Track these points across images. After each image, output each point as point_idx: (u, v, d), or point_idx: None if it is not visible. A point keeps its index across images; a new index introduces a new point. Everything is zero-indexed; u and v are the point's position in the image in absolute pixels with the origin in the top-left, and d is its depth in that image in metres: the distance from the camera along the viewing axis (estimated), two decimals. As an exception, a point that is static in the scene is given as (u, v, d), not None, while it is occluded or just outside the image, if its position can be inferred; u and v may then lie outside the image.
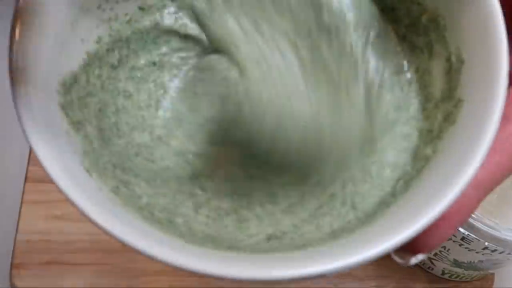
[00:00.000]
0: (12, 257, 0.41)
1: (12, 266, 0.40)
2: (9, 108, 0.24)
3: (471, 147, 0.24)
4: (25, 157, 0.42)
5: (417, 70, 0.31)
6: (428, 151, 0.28)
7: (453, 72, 0.28)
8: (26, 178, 0.42)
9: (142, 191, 0.26)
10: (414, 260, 0.26)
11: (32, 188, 0.42)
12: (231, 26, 0.29)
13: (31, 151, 0.42)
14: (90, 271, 0.41)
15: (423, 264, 0.46)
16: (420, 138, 0.29)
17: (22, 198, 0.42)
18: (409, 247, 0.23)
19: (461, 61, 0.27)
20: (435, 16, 0.30)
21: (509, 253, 0.40)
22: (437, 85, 0.30)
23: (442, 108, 0.28)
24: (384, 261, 0.26)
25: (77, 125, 0.24)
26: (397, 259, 0.29)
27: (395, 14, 0.32)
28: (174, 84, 0.31)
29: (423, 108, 0.30)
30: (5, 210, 0.41)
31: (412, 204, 0.24)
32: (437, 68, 0.30)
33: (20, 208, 0.42)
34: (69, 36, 0.25)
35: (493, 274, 0.47)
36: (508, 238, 0.38)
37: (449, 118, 0.27)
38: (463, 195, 0.22)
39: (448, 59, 0.29)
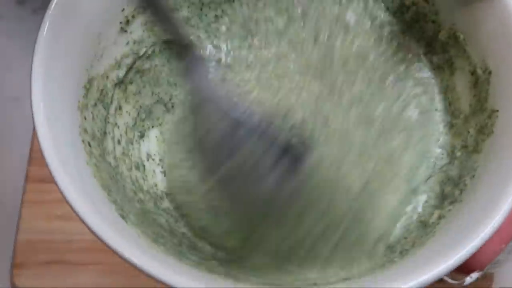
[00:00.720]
0: (13, 257, 0.41)
1: (12, 265, 0.40)
2: (9, 108, 0.24)
3: None
4: (25, 157, 0.42)
5: (440, 90, 0.31)
6: (470, 165, 0.27)
7: (480, 84, 0.28)
8: (26, 178, 0.42)
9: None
10: (469, 279, 0.25)
11: (32, 188, 0.42)
12: None
13: (31, 151, 0.42)
14: (91, 271, 0.41)
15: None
16: (452, 155, 0.29)
17: (22, 198, 0.42)
18: (461, 267, 0.22)
19: (488, 72, 0.27)
20: (453, 32, 0.29)
21: (508, 253, 0.40)
22: (464, 100, 0.29)
23: (474, 122, 0.28)
24: (384, 261, 0.26)
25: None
26: (449, 280, 0.29)
27: (411, 35, 0.32)
28: None
29: (451, 125, 0.30)
30: (5, 210, 0.41)
31: (462, 223, 0.23)
32: (461, 83, 0.29)
33: (21, 208, 0.42)
34: None
35: (492, 274, 0.47)
36: (507, 237, 0.38)
37: (484, 130, 0.27)
38: None
39: (473, 72, 0.28)
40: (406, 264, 0.22)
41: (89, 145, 0.25)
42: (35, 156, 0.40)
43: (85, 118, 0.25)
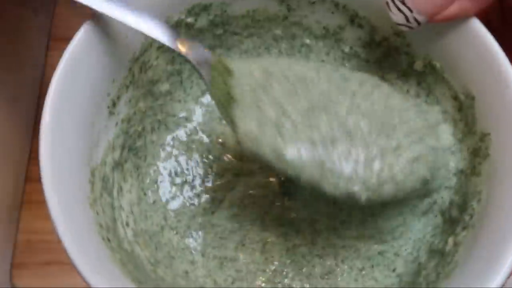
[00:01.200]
0: (13, 257, 0.41)
1: (12, 266, 0.40)
2: (9, 108, 0.24)
3: None
4: (25, 157, 0.42)
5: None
6: (472, 189, 0.27)
7: (465, 109, 0.28)
8: (26, 178, 0.42)
9: None
10: None
11: (32, 188, 0.42)
12: None
13: (31, 151, 0.42)
14: None
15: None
16: (455, 176, 0.28)
17: (22, 198, 0.42)
18: None
19: (471, 98, 0.27)
20: (428, 61, 0.29)
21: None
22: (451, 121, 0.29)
23: (466, 145, 0.28)
24: (384, 261, 0.26)
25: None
26: None
27: (384, 66, 0.32)
28: None
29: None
30: (5, 210, 0.41)
31: (482, 251, 0.23)
32: (447, 105, 0.29)
33: (20, 208, 0.42)
34: None
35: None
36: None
37: (479, 153, 0.26)
38: None
39: (456, 98, 0.28)
40: None
41: (108, 240, 0.25)
42: (35, 156, 0.39)
43: (97, 213, 0.25)
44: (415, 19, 0.25)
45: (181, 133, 0.33)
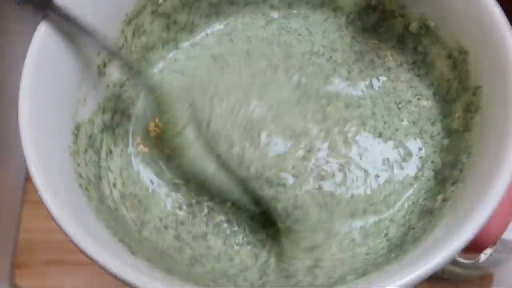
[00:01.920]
0: (13, 257, 0.41)
1: (13, 265, 0.41)
2: (9, 108, 0.24)
3: (506, 126, 0.23)
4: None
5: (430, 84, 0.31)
6: (464, 144, 0.27)
7: (458, 65, 0.28)
8: (26, 177, 0.42)
9: None
10: (483, 256, 0.25)
11: (33, 187, 0.42)
12: None
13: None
14: (91, 271, 0.41)
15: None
16: (450, 137, 0.29)
17: (22, 198, 0.42)
18: (473, 245, 0.22)
19: (465, 52, 0.27)
20: (423, 21, 0.29)
21: (508, 253, 0.40)
22: (446, 83, 0.29)
23: (460, 103, 0.28)
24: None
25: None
26: (464, 261, 0.28)
27: (381, 32, 0.32)
28: None
29: (442, 116, 0.30)
30: (5, 210, 0.41)
31: (467, 200, 0.23)
32: (442, 66, 0.29)
33: (21, 208, 0.42)
34: None
35: (492, 273, 0.47)
36: (507, 238, 0.38)
37: (471, 108, 0.27)
38: None
39: (450, 56, 0.28)
40: (419, 252, 0.23)
41: (87, 189, 0.25)
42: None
43: (78, 164, 0.25)
44: None
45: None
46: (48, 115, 0.24)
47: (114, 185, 0.29)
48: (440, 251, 0.21)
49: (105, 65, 0.28)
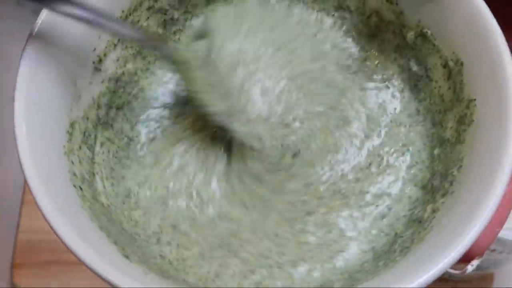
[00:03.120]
0: (13, 257, 0.41)
1: (12, 265, 0.41)
2: (9, 108, 0.24)
3: (499, 141, 0.23)
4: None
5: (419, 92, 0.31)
6: (455, 156, 0.27)
7: (453, 76, 0.28)
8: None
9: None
10: (471, 267, 0.25)
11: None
12: None
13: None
14: (90, 271, 0.41)
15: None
16: (441, 146, 0.29)
17: (22, 198, 0.42)
18: (462, 256, 0.22)
19: (460, 63, 0.27)
20: (420, 29, 0.29)
21: (508, 253, 0.40)
22: (441, 92, 0.29)
23: (453, 114, 0.28)
24: (383, 261, 0.26)
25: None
26: (451, 271, 0.28)
27: (379, 40, 0.32)
28: None
29: (433, 124, 0.30)
30: (5, 210, 0.41)
31: (457, 214, 0.23)
32: (437, 76, 0.29)
33: (21, 208, 0.42)
34: None
35: (492, 273, 0.47)
36: (507, 238, 0.38)
37: (464, 121, 0.27)
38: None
39: (445, 65, 0.28)
40: (408, 263, 0.23)
41: (81, 188, 0.25)
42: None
43: (73, 163, 0.25)
44: None
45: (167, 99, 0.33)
46: (43, 115, 0.24)
47: (107, 179, 0.29)
48: (432, 265, 0.21)
49: (100, 61, 0.28)
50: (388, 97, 0.31)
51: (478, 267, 0.44)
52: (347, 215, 0.28)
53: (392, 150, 0.30)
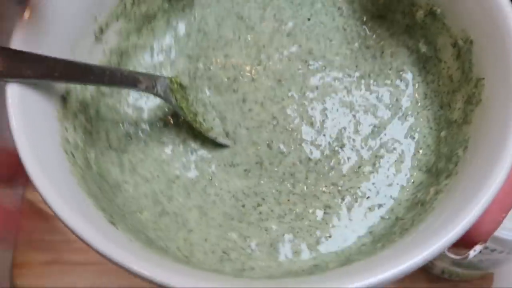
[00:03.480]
0: (13, 257, 0.41)
1: (13, 265, 0.41)
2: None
3: (506, 120, 0.23)
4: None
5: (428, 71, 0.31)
6: (461, 137, 0.27)
7: (462, 55, 0.28)
8: (26, 178, 0.42)
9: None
10: (473, 253, 0.24)
11: (32, 188, 0.42)
12: None
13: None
14: (91, 271, 0.41)
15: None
16: (448, 128, 0.28)
17: (23, 198, 0.42)
18: (463, 241, 0.21)
19: (470, 42, 0.27)
20: (430, 7, 0.29)
21: (508, 253, 0.40)
22: (450, 73, 0.29)
23: (461, 94, 0.28)
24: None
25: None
26: (453, 256, 0.27)
27: (389, 21, 0.32)
28: None
29: (441, 107, 0.30)
30: (5, 210, 0.41)
31: (460, 195, 0.23)
32: (446, 56, 0.29)
33: (21, 208, 0.42)
34: None
35: (492, 273, 0.47)
36: (507, 238, 0.38)
37: (472, 100, 0.26)
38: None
39: (455, 44, 0.28)
40: (406, 243, 0.22)
41: (73, 155, 0.25)
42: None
43: (66, 129, 0.25)
44: None
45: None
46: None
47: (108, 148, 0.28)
48: (429, 244, 0.20)
49: (101, 31, 0.28)
50: (396, 85, 0.31)
51: (478, 267, 0.44)
52: (347, 200, 0.28)
53: (397, 138, 0.30)
